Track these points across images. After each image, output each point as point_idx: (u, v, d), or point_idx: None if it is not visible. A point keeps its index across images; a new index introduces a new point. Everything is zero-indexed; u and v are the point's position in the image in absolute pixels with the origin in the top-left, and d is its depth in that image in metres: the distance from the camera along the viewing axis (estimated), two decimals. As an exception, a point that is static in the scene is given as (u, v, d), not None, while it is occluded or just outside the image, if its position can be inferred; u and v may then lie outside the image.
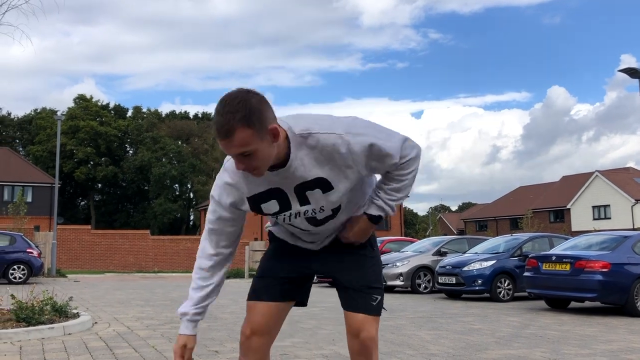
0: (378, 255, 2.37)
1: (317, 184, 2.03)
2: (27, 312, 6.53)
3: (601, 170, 52.31)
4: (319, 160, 1.99)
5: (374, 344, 2.24)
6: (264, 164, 1.91)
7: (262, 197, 2.08)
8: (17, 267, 17.24)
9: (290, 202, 2.08)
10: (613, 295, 9.31)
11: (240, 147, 1.83)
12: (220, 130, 1.81)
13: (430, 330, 7.24)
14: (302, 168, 1.99)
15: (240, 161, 1.89)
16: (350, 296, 2.26)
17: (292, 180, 2.02)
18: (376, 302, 2.26)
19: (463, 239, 16.39)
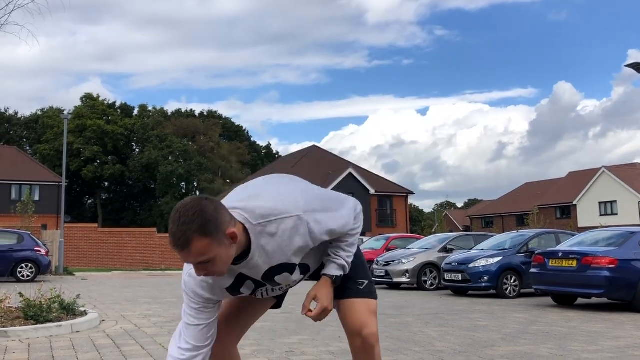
0: (357, 252, 2.36)
1: (282, 268, 2.07)
2: (35, 310, 6.58)
3: (608, 166, 52.05)
4: (281, 246, 1.99)
5: (376, 340, 2.25)
6: (224, 267, 1.90)
7: (235, 286, 2.10)
8: (25, 265, 17.35)
9: (261, 284, 2.14)
10: (620, 291, 9.28)
11: (199, 256, 1.82)
12: (177, 242, 1.79)
13: (436, 327, 7.24)
14: (265, 257, 1.99)
15: (199, 269, 1.87)
16: (341, 288, 2.29)
17: (257, 270, 2.04)
18: (364, 286, 2.30)
19: (469, 236, 16.37)
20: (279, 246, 1.99)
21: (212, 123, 68.59)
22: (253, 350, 5.36)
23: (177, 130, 65.37)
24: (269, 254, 1.99)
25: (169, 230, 1.84)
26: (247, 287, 2.12)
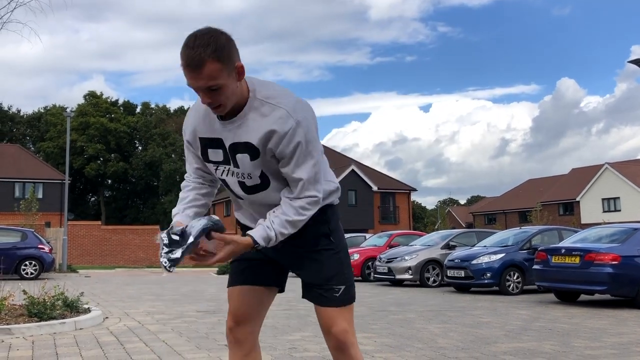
0: (340, 245, 2.28)
1: (247, 149, 2.05)
2: (39, 307, 6.60)
3: (611, 163, 51.92)
4: (261, 127, 2.01)
5: (349, 336, 2.20)
6: (228, 101, 1.95)
7: (211, 142, 2.12)
8: (29, 262, 17.40)
9: (229, 159, 2.11)
10: (623, 287, 9.26)
11: (209, 81, 1.87)
12: (190, 63, 1.85)
13: (439, 323, 7.25)
14: (245, 128, 2.03)
15: (206, 95, 1.92)
16: (310, 291, 2.26)
17: (231, 136, 2.06)
18: (339, 293, 2.22)
19: (472, 232, 16.36)
20: (260, 127, 2.01)
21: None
22: (256, 347, 5.37)
23: (179, 127, 65.28)
24: (249, 128, 2.02)
25: (183, 52, 1.88)
26: (216, 154, 2.13)
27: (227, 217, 46.43)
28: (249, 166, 2.08)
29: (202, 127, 2.13)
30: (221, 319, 7.53)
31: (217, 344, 5.55)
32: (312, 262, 2.25)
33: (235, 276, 2.33)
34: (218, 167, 2.16)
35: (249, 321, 2.30)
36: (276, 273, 2.35)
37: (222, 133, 2.08)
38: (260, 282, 2.31)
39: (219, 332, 6.32)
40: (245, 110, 2.02)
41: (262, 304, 2.34)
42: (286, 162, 2.04)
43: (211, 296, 11.30)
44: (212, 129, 2.10)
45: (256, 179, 2.12)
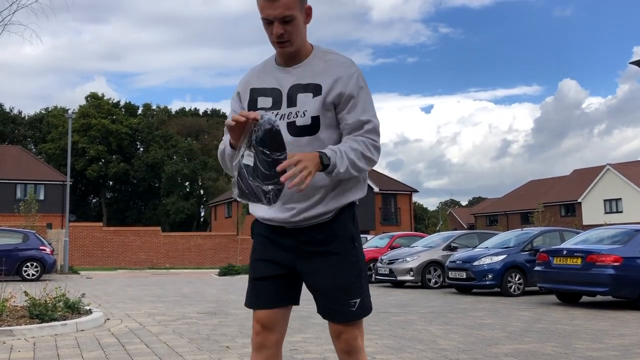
0: (361, 252, 2.27)
1: (311, 88, 2.16)
2: (40, 308, 6.61)
3: (612, 164, 51.86)
4: (327, 70, 2.16)
5: (358, 342, 2.20)
6: (296, 38, 2.12)
7: (263, 91, 2.23)
8: (30, 264, 17.41)
9: (282, 102, 2.18)
10: (625, 289, 9.25)
11: (285, 10, 2.04)
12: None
13: (440, 325, 7.24)
14: (310, 71, 2.18)
15: (279, 26, 2.07)
16: (325, 307, 2.21)
17: (294, 79, 2.18)
18: (356, 307, 2.18)
19: (473, 234, 16.36)
20: (324, 71, 2.16)
21: (215, 122, 68.63)
22: (257, 349, 5.37)
23: (181, 129, 65.46)
24: (313, 71, 2.17)
25: None
26: (265, 101, 2.21)
27: (229, 218, 46.42)
28: (308, 103, 2.14)
29: (255, 80, 2.27)
30: (222, 320, 7.53)
31: (218, 346, 5.55)
32: (332, 268, 2.19)
33: (256, 298, 2.28)
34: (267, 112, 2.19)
35: (276, 330, 2.27)
36: (294, 291, 2.31)
37: (279, 81, 2.20)
38: (279, 304, 2.27)
39: (220, 334, 6.32)
40: (310, 57, 2.20)
41: (285, 317, 2.33)
42: (353, 105, 2.14)
43: (212, 297, 11.30)
44: (267, 80, 2.24)
45: (308, 118, 2.14)
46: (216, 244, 32.21)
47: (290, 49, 2.14)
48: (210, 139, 65.51)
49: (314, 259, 2.20)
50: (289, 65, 2.20)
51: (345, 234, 2.21)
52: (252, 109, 2.22)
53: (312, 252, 2.20)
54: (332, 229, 2.19)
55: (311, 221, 2.17)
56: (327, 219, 2.18)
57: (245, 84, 2.30)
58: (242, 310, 8.78)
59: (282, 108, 2.18)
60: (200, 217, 67.03)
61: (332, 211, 2.18)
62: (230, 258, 30.11)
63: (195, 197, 65.66)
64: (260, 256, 2.28)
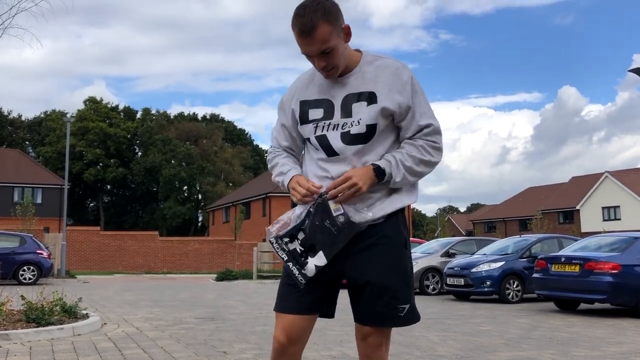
0: (410, 258, 2.25)
1: (365, 97, 2.15)
2: (37, 312, 6.58)
3: (611, 171, 51.95)
4: (379, 77, 2.15)
5: (382, 349, 2.16)
6: (340, 63, 2.11)
7: (314, 103, 2.22)
8: (27, 268, 17.36)
9: (334, 112, 2.18)
10: (623, 296, 9.24)
11: (322, 44, 2.04)
12: (304, 29, 2.03)
13: (438, 331, 7.22)
14: (362, 79, 2.17)
15: (320, 59, 2.08)
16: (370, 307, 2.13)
17: (345, 89, 2.17)
18: (404, 312, 2.13)
19: (471, 240, 16.34)
20: (377, 77, 2.15)
21: (214, 127, 68.65)
22: (254, 354, 5.35)
23: (180, 133, 65.47)
24: (365, 79, 2.16)
25: (294, 22, 2.06)
26: (316, 113, 2.20)
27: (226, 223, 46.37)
28: (362, 112, 2.14)
29: (304, 92, 2.26)
30: (219, 326, 7.50)
31: (215, 351, 5.53)
32: (382, 268, 2.13)
33: (287, 303, 2.20)
34: (318, 124, 2.19)
35: (300, 342, 2.20)
36: (330, 301, 2.24)
37: (330, 91, 2.20)
38: (311, 312, 2.20)
39: (218, 339, 6.30)
40: (360, 65, 2.18)
41: (311, 326, 2.25)
42: (412, 114, 2.15)
43: (210, 302, 11.27)
44: (316, 91, 2.23)
45: (363, 126, 2.14)
46: (214, 249, 32.15)
47: (337, 73, 2.14)
48: (209, 144, 65.52)
49: (364, 258, 2.14)
50: (340, 76, 2.19)
51: (398, 237, 2.19)
52: (304, 122, 2.23)
53: (362, 252, 2.14)
54: (385, 231, 2.16)
55: (365, 223, 2.14)
56: (381, 220, 2.16)
57: (294, 96, 2.28)
58: (240, 316, 8.75)
59: (335, 118, 2.17)
60: (197, 222, 66.96)
61: (387, 214, 2.16)
62: (227, 263, 30.04)
63: (193, 201, 65.61)
64: None
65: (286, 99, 2.31)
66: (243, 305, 10.74)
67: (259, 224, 41.68)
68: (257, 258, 21.90)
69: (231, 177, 65.51)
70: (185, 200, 64.28)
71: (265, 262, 23.42)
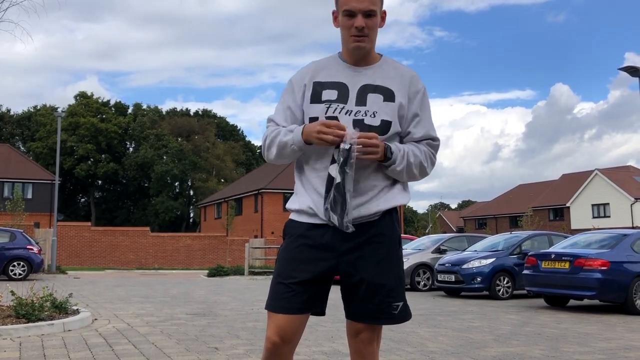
0: (402, 256, 2.28)
1: (383, 91, 2.20)
2: (26, 308, 6.54)
3: (601, 169, 52.28)
4: (396, 78, 2.23)
5: (374, 346, 2.18)
6: (373, 35, 2.19)
7: (328, 85, 2.23)
8: (17, 263, 17.25)
9: (349, 97, 2.19)
10: (612, 293, 9.32)
11: (371, 4, 2.13)
12: None
13: (429, 327, 7.26)
14: (381, 74, 2.23)
15: (362, 20, 2.14)
16: (363, 304, 2.14)
17: (364, 79, 2.21)
18: (398, 310, 2.16)
19: (462, 237, 16.40)
20: (395, 77, 2.23)
21: (207, 122, 68.44)
22: (246, 350, 5.36)
23: (172, 129, 65.21)
24: (384, 75, 2.22)
25: None
26: (330, 94, 2.21)
27: (218, 219, 46.28)
28: (378, 105, 2.17)
29: (319, 74, 2.26)
30: (211, 322, 7.50)
31: (206, 347, 5.53)
32: (376, 266, 2.15)
33: (279, 302, 2.17)
34: (330, 105, 2.19)
35: (292, 341, 2.20)
36: (321, 299, 2.23)
37: (348, 77, 2.22)
38: (303, 311, 2.18)
39: (209, 335, 6.30)
40: (380, 62, 2.26)
41: (303, 324, 2.24)
42: (420, 121, 2.23)
43: (201, 298, 11.26)
44: (333, 75, 2.24)
45: (377, 120, 2.16)
46: (205, 245, 32.09)
47: (366, 45, 2.18)
48: (202, 140, 65.32)
49: (359, 256, 2.15)
50: (359, 65, 2.23)
51: (392, 235, 2.21)
52: (315, 101, 2.21)
53: (357, 249, 2.15)
54: (380, 228, 2.18)
55: (360, 219, 2.15)
56: (375, 217, 2.17)
57: (307, 77, 2.26)
58: (231, 312, 8.75)
59: (349, 104, 2.18)
60: (189, 218, 66.80)
61: (381, 211, 2.18)
62: (219, 259, 30.01)
63: (185, 197, 65.44)
64: (300, 259, 2.17)
65: (296, 80, 2.29)
66: (234, 301, 10.74)
67: (250, 220, 41.65)
68: (248, 254, 21.89)
69: (223, 173, 65.36)
70: (177, 196, 64.11)
71: (257, 258, 23.41)
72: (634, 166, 56.27)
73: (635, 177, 51.90)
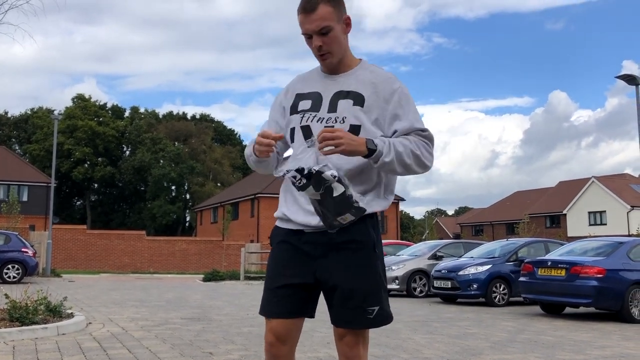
0: (380, 260, 2.27)
1: (354, 96, 2.21)
2: (20, 311, 6.51)
3: (597, 177, 52.42)
4: (371, 82, 2.23)
5: (360, 348, 2.20)
6: (335, 49, 2.19)
7: (306, 95, 2.29)
8: (12, 266, 17.19)
9: (321, 105, 2.23)
10: (608, 301, 9.32)
11: (321, 21, 2.12)
12: (306, 6, 2.13)
13: (425, 334, 7.24)
14: (355, 80, 2.24)
15: (317, 39, 2.15)
16: (341, 310, 2.18)
17: (338, 86, 2.24)
18: (373, 314, 2.17)
19: (459, 243, 16.41)
20: (369, 81, 2.23)
21: (204, 126, 68.41)
22: (240, 355, 5.33)
23: (169, 132, 65.16)
24: (358, 81, 2.23)
25: (300, 3, 2.15)
26: (305, 104, 2.26)
27: (214, 223, 46.21)
28: (348, 110, 2.19)
29: (301, 85, 2.33)
30: (206, 326, 7.47)
31: (201, 352, 5.50)
32: (351, 271, 2.17)
33: (271, 308, 2.24)
34: (305, 114, 2.24)
35: (289, 341, 2.24)
36: (312, 302, 2.27)
37: (322, 86, 2.26)
38: (294, 315, 2.23)
39: (204, 340, 6.27)
40: (356, 68, 2.27)
41: (299, 327, 2.28)
42: (400, 118, 2.20)
43: (196, 303, 11.22)
44: (311, 86, 2.29)
45: (347, 125, 2.18)
46: (201, 249, 32.02)
47: (332, 60, 2.21)
48: (198, 143, 65.27)
49: (333, 262, 2.18)
50: (335, 73, 2.27)
51: (368, 241, 2.21)
52: (293, 112, 2.29)
53: (331, 255, 2.18)
54: (353, 234, 2.18)
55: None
56: (349, 224, 2.17)
57: (290, 90, 2.35)
58: (226, 317, 8.72)
59: (321, 112, 2.23)
60: (185, 222, 66.67)
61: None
62: (215, 263, 29.93)
63: (182, 201, 65.33)
64: (283, 263, 2.24)
65: (280, 94, 2.39)
66: (230, 306, 10.70)
67: (247, 224, 41.59)
68: (244, 259, 21.83)
69: (220, 177, 65.30)
70: (174, 200, 63.99)
71: (253, 263, 23.36)
72: (631, 174, 56.44)
73: (632, 185, 52.06)
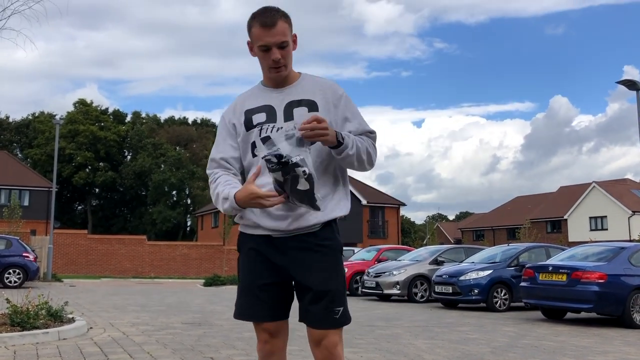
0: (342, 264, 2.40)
1: (307, 103, 2.35)
2: (22, 316, 6.51)
3: (598, 182, 52.40)
4: (317, 90, 2.39)
5: (339, 349, 2.29)
6: (289, 63, 2.34)
7: (257, 110, 2.39)
8: (13, 271, 17.18)
9: (277, 116, 2.35)
10: (609, 306, 9.31)
11: (282, 36, 2.28)
12: (267, 22, 2.28)
13: (426, 339, 7.23)
14: (302, 89, 2.39)
15: (277, 52, 2.29)
16: (311, 310, 2.29)
17: (287, 97, 2.36)
18: (339, 315, 2.30)
19: (460, 248, 16.38)
20: (315, 88, 2.39)
21: (205, 131, 68.47)
22: (242, 360, 5.33)
23: (170, 137, 65.22)
24: (305, 89, 2.39)
25: (257, 18, 2.31)
26: (260, 117, 2.36)
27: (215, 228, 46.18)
28: (305, 117, 2.26)
29: (246, 103, 2.43)
30: (207, 331, 7.46)
31: (202, 356, 5.50)
32: (321, 274, 2.30)
33: (248, 312, 2.40)
34: (262, 127, 2.35)
35: (281, 334, 2.40)
36: (286, 302, 2.41)
37: (273, 99, 2.39)
38: (273, 319, 2.38)
39: (205, 345, 6.27)
40: (299, 80, 2.42)
41: (286, 324, 2.46)
42: (351, 120, 2.39)
43: (197, 308, 11.21)
44: (258, 101, 2.41)
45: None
46: (202, 254, 32.01)
47: (285, 73, 2.35)
48: (200, 148, 65.31)
49: (304, 265, 2.31)
50: (281, 86, 2.39)
51: (334, 245, 2.36)
52: (249, 127, 2.37)
53: (302, 258, 2.31)
54: (322, 238, 2.32)
55: (302, 230, 2.30)
56: (316, 229, 2.32)
57: (237, 109, 2.43)
58: (227, 322, 8.71)
59: (278, 122, 2.33)
60: (186, 227, 66.64)
61: (321, 222, 2.32)
62: (216, 268, 29.91)
63: (182, 206, 65.33)
64: (256, 267, 2.37)
65: (227, 114, 2.47)
66: (231, 311, 10.66)
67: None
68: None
69: (221, 182, 65.21)
70: (175, 205, 63.99)
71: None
72: (632, 179, 56.42)
73: (633, 190, 52.02)
